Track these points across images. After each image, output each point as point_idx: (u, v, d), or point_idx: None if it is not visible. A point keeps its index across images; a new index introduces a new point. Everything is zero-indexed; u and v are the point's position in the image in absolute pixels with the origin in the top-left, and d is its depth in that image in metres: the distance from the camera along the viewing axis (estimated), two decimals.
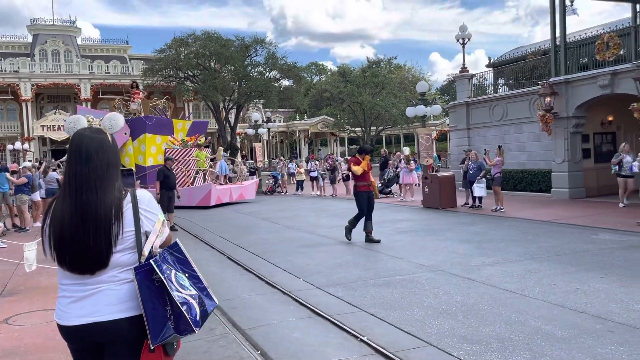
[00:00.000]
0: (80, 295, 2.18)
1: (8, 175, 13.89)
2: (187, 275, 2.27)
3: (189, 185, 20.01)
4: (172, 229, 11.78)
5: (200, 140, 21.54)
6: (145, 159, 20.18)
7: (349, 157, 19.94)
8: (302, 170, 25.19)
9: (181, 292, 2.15)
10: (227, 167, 24.46)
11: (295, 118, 54.03)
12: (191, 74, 39.16)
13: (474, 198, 15.10)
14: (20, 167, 15.04)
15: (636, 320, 5.09)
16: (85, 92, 42.61)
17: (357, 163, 10.15)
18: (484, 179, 14.48)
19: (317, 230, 12.18)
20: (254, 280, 7.60)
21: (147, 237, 2.23)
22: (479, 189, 14.52)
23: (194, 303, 2.18)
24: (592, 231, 10.43)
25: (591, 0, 19.05)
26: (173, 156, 20.30)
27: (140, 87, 28.04)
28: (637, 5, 18.38)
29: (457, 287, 6.62)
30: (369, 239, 10.04)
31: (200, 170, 20.65)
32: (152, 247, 2.22)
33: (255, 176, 25.18)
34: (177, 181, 19.13)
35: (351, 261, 8.50)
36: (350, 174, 20.15)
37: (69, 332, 2.21)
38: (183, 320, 2.12)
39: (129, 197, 2.23)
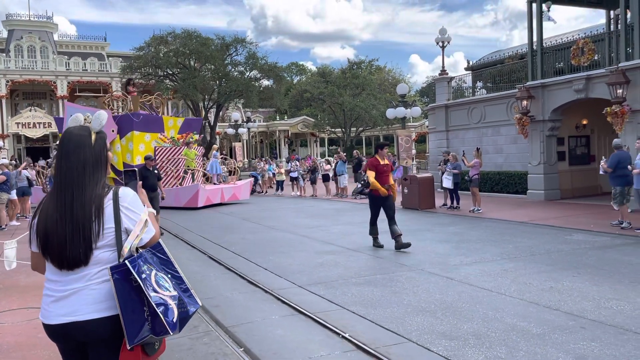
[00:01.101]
0: (60, 295, 2.21)
1: None
2: (169, 276, 2.27)
3: (177, 186, 19.32)
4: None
5: (193, 138, 20.78)
6: (133, 157, 19.53)
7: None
8: (282, 170, 25.23)
9: (159, 293, 2.14)
10: (220, 166, 23.65)
11: (275, 118, 53.97)
12: (170, 72, 38.88)
13: (451, 199, 15.35)
14: None
15: (607, 317, 5.28)
16: (62, 89, 41.93)
17: (375, 165, 9.40)
18: (452, 172, 14.82)
19: (298, 231, 12.25)
20: (236, 279, 7.64)
21: (128, 236, 2.24)
22: (447, 181, 14.90)
23: (172, 305, 2.16)
24: (567, 232, 10.71)
25: (567, 6, 19.49)
26: (163, 155, 19.66)
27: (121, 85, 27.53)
28: (611, 12, 18.90)
29: (436, 286, 6.77)
30: (400, 245, 9.18)
31: (189, 169, 19.92)
32: (130, 246, 2.21)
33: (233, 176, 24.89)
34: (166, 181, 17.95)
35: (332, 260, 8.60)
36: (332, 174, 19.88)
37: (51, 331, 2.25)
38: (159, 321, 2.11)
39: (110, 194, 2.24)
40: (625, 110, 13.56)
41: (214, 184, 21.34)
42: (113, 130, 19.37)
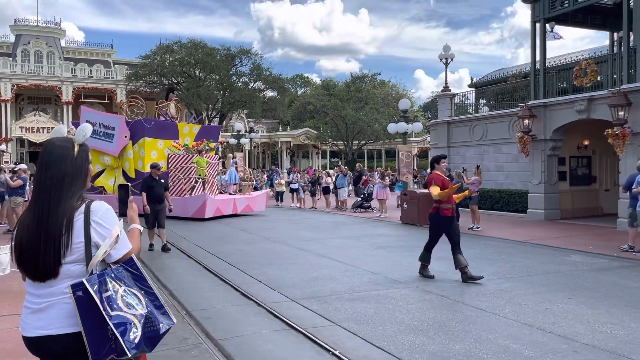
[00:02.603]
0: (36, 307, 2.20)
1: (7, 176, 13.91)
2: (143, 292, 2.22)
3: (186, 195, 18.37)
4: (163, 248, 10.99)
5: (210, 146, 19.92)
6: (144, 164, 18.80)
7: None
8: (283, 181, 25.22)
9: (123, 312, 2.09)
10: (237, 175, 22.88)
11: (278, 129, 54.15)
12: (175, 81, 39.11)
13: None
14: (16, 168, 14.98)
15: (600, 341, 5.22)
16: (67, 95, 42.18)
17: (439, 180, 8.10)
18: None
19: (294, 243, 12.20)
20: (229, 291, 7.59)
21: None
22: None
23: (137, 324, 2.11)
24: (565, 253, 10.64)
25: (571, 27, 19.58)
26: (176, 163, 18.94)
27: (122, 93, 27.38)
28: (615, 34, 18.98)
29: (430, 304, 6.71)
30: (468, 277, 7.87)
31: (200, 178, 18.76)
32: (97, 261, 2.17)
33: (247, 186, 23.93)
34: (177, 190, 17.10)
35: (327, 275, 8.55)
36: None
37: (28, 343, 2.24)
38: (118, 341, 2.06)
39: (82, 207, 2.21)
40: (627, 133, 13.56)
41: (230, 194, 20.53)
42: (126, 137, 19.22)
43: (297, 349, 5.19)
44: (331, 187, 22.49)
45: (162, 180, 11.39)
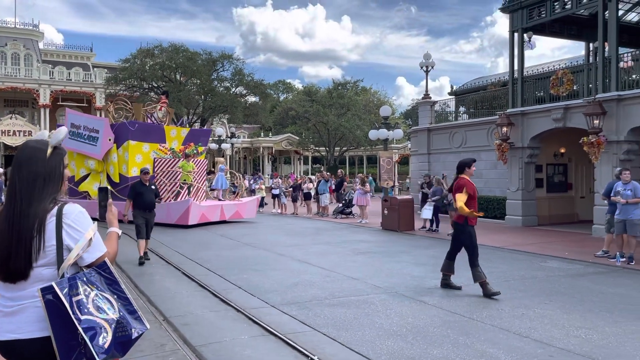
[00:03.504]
0: (8, 310, 2.17)
1: None
2: (116, 296, 2.20)
3: (170, 201, 17.45)
4: (140, 260, 10.06)
5: (199, 149, 19.22)
6: (128, 168, 18.42)
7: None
8: (263, 186, 25.14)
9: (93, 316, 2.06)
10: (227, 181, 22.08)
11: (259, 134, 54.00)
12: (156, 85, 38.81)
13: (431, 222, 15.43)
14: None
15: (575, 345, 5.31)
16: (45, 98, 41.50)
17: (471, 187, 7.63)
18: (433, 203, 14.94)
19: (275, 249, 12.17)
20: (208, 297, 7.54)
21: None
22: (427, 212, 15.01)
23: (107, 328, 2.08)
24: (542, 259, 10.80)
25: (549, 37, 19.96)
26: (162, 167, 18.19)
27: (109, 96, 26.55)
28: (590, 45, 19.40)
29: (409, 309, 6.75)
30: (488, 292, 7.31)
31: (185, 183, 17.98)
32: (69, 264, 2.15)
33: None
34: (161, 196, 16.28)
35: (307, 281, 8.54)
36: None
37: (0, 347, 2.19)
38: (88, 346, 2.03)
39: (55, 210, 2.19)
40: (602, 141, 13.85)
41: (219, 199, 19.90)
42: (110, 140, 18.70)
43: (276, 354, 5.17)
44: (312, 193, 22.50)
45: (153, 187, 10.67)
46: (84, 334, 2.02)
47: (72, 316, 2.03)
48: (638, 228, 10.03)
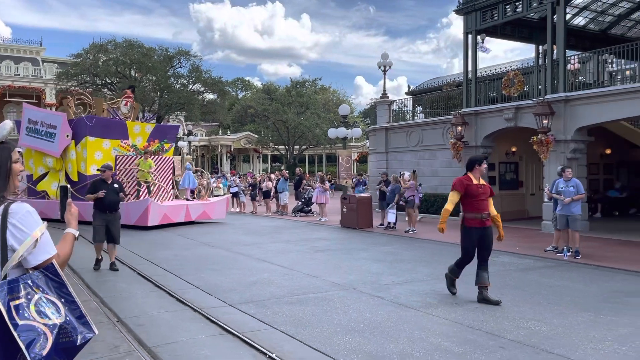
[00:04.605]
0: None
1: None
2: (63, 300, 2.12)
3: (129, 200, 16.25)
4: (111, 266, 9.29)
5: (165, 146, 18.52)
6: (87, 166, 17.49)
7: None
8: (221, 185, 24.86)
9: (32, 322, 1.98)
10: (195, 180, 21.16)
11: (218, 132, 53.39)
12: (109, 81, 37.77)
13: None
14: None
15: (525, 337, 5.51)
16: None
17: (466, 185, 7.01)
18: (395, 205, 15.17)
19: (233, 248, 12.08)
20: (164, 297, 7.41)
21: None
22: (391, 215, 15.24)
23: (48, 334, 2.00)
24: (494, 254, 10.98)
25: (501, 39, 20.56)
26: (125, 165, 17.31)
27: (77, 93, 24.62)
28: (540, 47, 20.11)
29: (367, 305, 6.84)
30: (484, 297, 6.89)
31: (144, 182, 16.99)
32: (11, 266, 2.08)
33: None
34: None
35: (266, 279, 8.52)
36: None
37: None
38: (23, 354, 1.94)
39: (0, 209, 2.12)
40: (550, 140, 14.40)
41: (187, 199, 19.19)
42: (67, 136, 17.80)
43: (234, 353, 5.14)
44: (272, 191, 22.42)
45: (116, 185, 9.53)
46: (19, 340, 1.92)
47: (9, 321, 1.93)
48: (579, 223, 10.58)
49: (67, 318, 2.08)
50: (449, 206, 7.09)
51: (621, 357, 4.89)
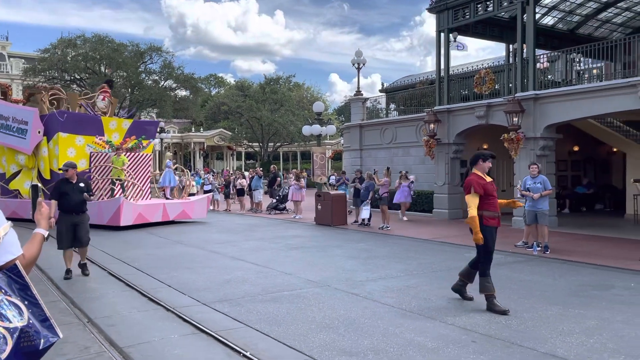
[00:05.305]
0: None
1: None
2: (27, 302, 2.05)
3: (102, 199, 15.92)
4: (82, 268, 8.76)
5: (143, 142, 17.86)
6: (59, 163, 16.52)
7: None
8: (194, 182, 24.58)
9: None
10: (175, 178, 20.49)
11: (190, 129, 52.78)
12: (78, 77, 36.96)
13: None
14: None
15: (496, 331, 5.61)
16: None
17: (482, 184, 6.52)
18: (369, 202, 15.25)
19: (207, 246, 11.97)
20: (136, 297, 7.30)
21: None
22: (365, 211, 15.32)
23: (8, 338, 1.93)
24: (466, 249, 11.27)
25: (473, 38, 20.85)
26: (100, 162, 16.62)
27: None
28: (511, 46, 20.45)
29: (341, 302, 6.86)
30: (494, 308, 6.31)
31: (117, 180, 16.27)
32: None
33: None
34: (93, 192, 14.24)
35: (240, 277, 8.46)
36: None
37: None
38: None
39: None
40: (520, 137, 14.67)
41: (167, 198, 18.57)
42: (39, 132, 17.15)
43: (207, 352, 5.09)
44: (246, 189, 22.29)
45: (82, 184, 8.72)
46: None
47: None
48: (547, 218, 10.86)
49: (30, 321, 2.02)
50: (474, 211, 6.41)
51: (588, 349, 5.02)
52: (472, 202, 6.42)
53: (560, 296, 7.15)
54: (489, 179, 6.63)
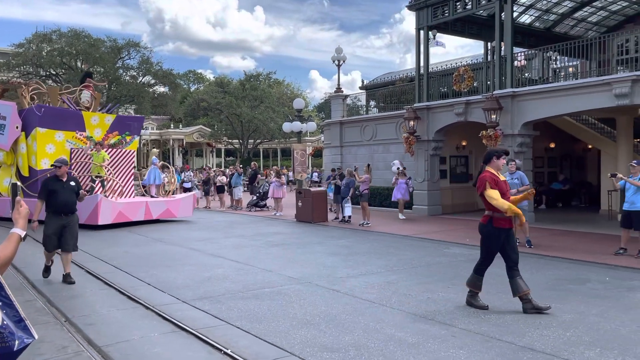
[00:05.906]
0: None
1: None
2: (0, 303, 2.01)
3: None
4: (65, 278, 7.85)
5: (127, 138, 17.42)
6: (37, 160, 16.36)
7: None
8: (174, 179, 24.29)
9: None
10: (161, 175, 19.97)
11: (169, 126, 52.21)
12: (54, 72, 36.26)
13: (343, 212, 15.78)
14: None
15: (475, 325, 5.69)
16: None
17: (497, 181, 6.26)
18: (349, 199, 15.30)
19: (186, 243, 11.87)
20: (115, 295, 7.20)
21: None
22: (347, 209, 15.37)
23: None
24: (445, 245, 11.43)
25: (452, 35, 21.01)
26: (81, 159, 16.11)
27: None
28: (489, 44, 20.68)
29: (322, 298, 6.87)
30: (533, 307, 6.15)
31: (98, 177, 15.79)
32: None
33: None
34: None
35: (220, 275, 8.42)
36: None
37: None
38: None
39: None
40: (498, 134, 14.86)
41: (152, 196, 18.12)
42: (17, 127, 16.60)
43: (188, 350, 5.06)
44: (226, 186, 22.17)
45: (73, 183, 8.08)
46: None
47: None
48: (525, 214, 10.92)
49: (4, 322, 1.97)
50: (504, 201, 6.14)
51: (565, 342, 5.12)
52: (495, 195, 6.14)
53: (537, 290, 7.25)
54: (502, 178, 6.44)
